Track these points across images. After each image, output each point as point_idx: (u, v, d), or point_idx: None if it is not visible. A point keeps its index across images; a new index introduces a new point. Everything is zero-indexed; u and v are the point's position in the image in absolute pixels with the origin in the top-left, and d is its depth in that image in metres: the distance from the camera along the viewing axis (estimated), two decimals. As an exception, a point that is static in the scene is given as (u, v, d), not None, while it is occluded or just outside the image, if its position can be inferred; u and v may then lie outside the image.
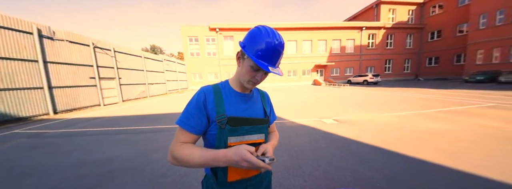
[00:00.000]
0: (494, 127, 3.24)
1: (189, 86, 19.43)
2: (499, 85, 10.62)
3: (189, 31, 18.64)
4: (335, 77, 21.33)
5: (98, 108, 8.02)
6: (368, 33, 20.89)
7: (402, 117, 4.28)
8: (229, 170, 0.60)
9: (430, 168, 1.99)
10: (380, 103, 6.30)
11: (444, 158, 2.18)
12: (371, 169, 1.99)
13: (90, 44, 8.11)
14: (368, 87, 14.05)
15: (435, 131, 3.16)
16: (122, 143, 3.14)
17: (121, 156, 2.58)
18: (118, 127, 4.27)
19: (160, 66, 13.99)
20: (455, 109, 4.85)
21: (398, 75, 22.40)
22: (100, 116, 6.00)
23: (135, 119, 5.16)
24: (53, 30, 6.66)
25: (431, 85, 12.58)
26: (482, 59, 15.02)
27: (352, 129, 3.46)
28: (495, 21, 13.90)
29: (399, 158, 2.25)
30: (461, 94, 7.57)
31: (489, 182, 1.68)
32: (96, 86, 8.28)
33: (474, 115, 4.14)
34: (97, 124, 4.77)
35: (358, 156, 2.32)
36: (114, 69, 9.46)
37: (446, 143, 2.65)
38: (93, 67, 8.23)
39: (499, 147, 2.44)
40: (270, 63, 0.55)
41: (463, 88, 9.81)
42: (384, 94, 8.78)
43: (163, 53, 38.53)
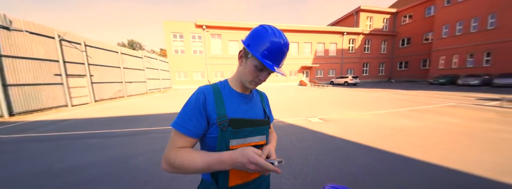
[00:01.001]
0: (455, 124, 3.67)
1: (173, 85, 18.48)
2: (457, 87, 12.15)
3: (173, 27, 17.71)
4: (319, 78, 22.28)
5: (65, 109, 7.16)
6: (349, 38, 22.29)
7: (379, 115, 4.61)
8: (231, 174, 0.57)
9: (405, 161, 2.16)
10: (359, 103, 6.72)
11: (416, 152, 2.39)
12: (354, 165, 2.09)
13: (55, 36, 7.20)
14: (348, 88, 14.93)
15: (407, 128, 3.46)
16: (94, 148, 2.82)
17: (94, 163, 2.31)
18: (90, 131, 3.84)
19: (139, 63, 13.05)
20: (423, 108, 5.39)
21: (374, 77, 24.29)
22: (68, 118, 5.35)
23: (110, 121, 4.70)
24: (9, 19, 5.76)
25: (401, 87, 13.86)
26: (443, 64, 17.08)
27: (336, 127, 3.61)
28: (455, 31, 15.96)
29: (379, 153, 2.40)
30: (427, 95, 8.46)
31: (454, 173, 1.88)
32: (62, 84, 7.38)
33: (439, 113, 4.64)
34: (63, 127, 4.23)
35: (343, 153, 2.42)
36: (85, 65, 8.55)
37: (417, 138, 2.91)
38: (59, 63, 7.33)
39: (461, 141, 2.75)
40: (275, 63, 0.55)
41: (428, 90, 11.00)
42: (362, 95, 9.41)
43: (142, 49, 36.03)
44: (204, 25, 17.85)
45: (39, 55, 6.59)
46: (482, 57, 14.29)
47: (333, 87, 15.72)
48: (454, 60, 16.21)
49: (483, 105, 5.56)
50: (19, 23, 6.06)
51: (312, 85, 19.22)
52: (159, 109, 6.48)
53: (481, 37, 14.23)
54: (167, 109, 6.34)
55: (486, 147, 2.48)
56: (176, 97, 10.39)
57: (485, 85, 12.28)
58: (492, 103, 5.82)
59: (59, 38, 7.32)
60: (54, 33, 7.18)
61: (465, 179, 1.76)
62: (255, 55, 0.53)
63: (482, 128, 3.32)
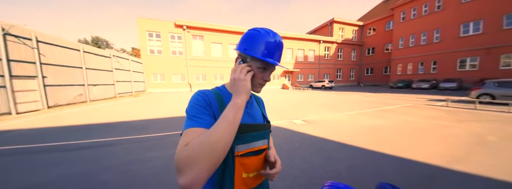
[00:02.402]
0: (413, 122, 4.22)
1: (148, 88, 16.96)
2: (412, 90, 14.15)
3: (148, 25, 16.45)
4: (300, 82, 23.42)
5: (8, 117, 5.92)
6: (325, 46, 24.21)
7: (352, 116, 5.03)
8: (236, 184, 0.56)
9: (377, 155, 2.39)
10: (335, 105, 7.24)
11: (385, 147, 2.67)
12: (336, 162, 2.22)
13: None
14: (325, 91, 16.01)
15: (376, 126, 3.85)
16: (51, 164, 2.35)
17: (52, 182, 1.92)
18: (43, 143, 3.20)
19: (107, 63, 11.69)
20: (387, 108, 6.09)
21: (346, 82, 26.68)
22: (13, 128, 4.41)
23: (69, 131, 4.03)
24: None
25: (368, 90, 15.49)
26: (401, 71, 19.82)
27: (318, 128, 3.80)
28: (409, 43, 18.81)
29: (355, 149, 2.61)
30: (389, 97, 9.61)
31: (417, 164, 2.14)
32: (4, 87, 6.11)
33: (400, 113, 5.30)
34: (6, 140, 3.46)
35: (326, 152, 2.54)
36: (36, 65, 7.27)
37: (386, 135, 3.26)
38: (1, 62, 6.08)
39: (418, 136, 3.17)
40: (275, 60, 0.58)
41: (389, 92, 12.52)
42: (337, 97, 10.18)
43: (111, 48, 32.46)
44: (184, 25, 17.11)
45: (-29, 51, 5.36)
46: (430, 65, 17.05)
47: (313, 90, 16.64)
48: (409, 67, 18.95)
49: (433, 105, 6.56)
50: None
51: (293, 88, 20.04)
52: (130, 115, 5.86)
53: (429, 49, 17.05)
54: (140, 116, 5.77)
55: (439, 141, 2.91)
56: (151, 102, 9.57)
57: (433, 88, 14.64)
58: (440, 103, 6.92)
59: (2, 32, 6.11)
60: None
61: (427, 169, 2.01)
62: (256, 56, 0.54)
63: (434, 125, 3.90)
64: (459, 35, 14.74)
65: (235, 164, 0.54)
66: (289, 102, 8.52)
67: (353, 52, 26.61)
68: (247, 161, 0.57)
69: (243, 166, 0.56)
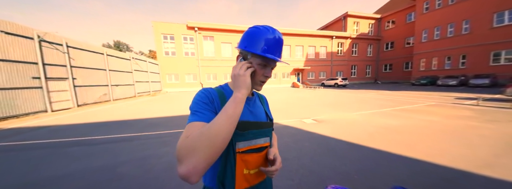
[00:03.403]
0: (436, 122, 3.90)
1: (163, 88, 17.89)
2: (437, 88, 12.99)
3: (163, 28, 17.29)
4: (311, 80, 22.81)
5: (44, 115, 6.66)
6: (338, 42, 23.18)
7: (367, 115, 4.78)
8: (237, 180, 0.57)
9: (393, 158, 2.25)
10: (349, 104, 6.94)
11: (402, 149, 2.50)
12: (347, 163, 2.14)
13: (34, 37, 6.75)
14: (338, 89, 15.40)
15: (393, 127, 3.62)
16: (79, 157, 2.63)
17: (78, 173, 2.15)
18: (72, 138, 3.58)
19: (127, 65, 12.55)
20: (407, 108, 5.68)
21: (361, 79, 25.33)
22: (47, 124, 4.97)
23: (96, 127, 4.44)
24: (-21, 18, 5.29)
25: (387, 88, 14.56)
26: (424, 66, 18.25)
27: (329, 127, 3.69)
28: (434, 36, 17.19)
29: (369, 151, 2.48)
30: (410, 95, 8.94)
31: (437, 167, 1.98)
32: (41, 88, 6.88)
33: (421, 112, 4.91)
34: (42, 135, 3.92)
35: (336, 152, 2.46)
36: (67, 68, 8.06)
37: (403, 136, 3.05)
38: (38, 65, 6.85)
39: (441, 137, 2.92)
40: (275, 55, 0.58)
41: (411, 90, 11.64)
42: (351, 96, 9.74)
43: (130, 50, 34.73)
44: (196, 27, 17.65)
45: (15, 57, 6.12)
46: (458, 60, 15.47)
47: (324, 89, 16.13)
48: (434, 62, 17.38)
49: (461, 104, 5.97)
50: (-8, 23, 5.62)
51: (304, 86, 19.60)
52: (148, 113, 6.24)
53: (456, 41, 15.44)
54: (157, 114, 6.12)
55: (465, 143, 2.66)
56: (167, 101, 10.07)
57: (462, 85, 13.27)
58: (469, 102, 6.27)
59: (38, 39, 6.86)
60: (33, 34, 6.72)
61: (447, 173, 1.86)
62: (256, 52, 0.55)
63: (460, 125, 3.56)
64: (493, 26, 13.11)
65: (236, 160, 0.56)
66: (299, 100, 8.37)
67: (369, 47, 25.10)
68: (248, 157, 0.58)
69: (244, 162, 0.57)
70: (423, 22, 18.05)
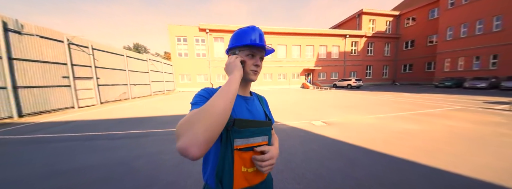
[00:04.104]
0: (462, 128, 3.59)
1: (177, 87, 18.69)
2: (464, 90, 11.92)
3: (177, 31, 18.07)
4: (322, 81, 22.21)
5: (72, 110, 7.31)
6: (351, 41, 22.26)
7: (383, 119, 4.55)
8: (236, 178, 0.58)
9: (409, 165, 2.12)
10: (363, 106, 6.66)
11: (421, 156, 2.35)
12: (358, 169, 2.07)
13: (64, 40, 7.44)
14: (351, 90, 14.82)
15: (412, 132, 3.41)
16: (98, 150, 2.87)
17: (97, 165, 2.35)
18: (95, 132, 3.91)
19: (144, 66, 13.29)
20: (427, 112, 5.30)
21: (377, 80, 24.07)
22: (74, 119, 5.46)
23: (115, 123, 4.78)
24: (21, 23, 5.99)
25: (406, 90, 13.68)
26: (449, 67, 16.83)
27: (340, 131, 3.59)
28: (460, 34, 15.78)
29: (383, 157, 2.37)
30: (432, 98, 8.32)
31: (461, 178, 1.84)
32: (70, 87, 7.56)
33: (444, 117, 4.56)
34: (69, 129, 4.32)
35: (347, 157, 2.39)
36: (92, 68, 8.76)
37: (421, 142, 2.86)
38: (67, 66, 7.53)
39: (466, 145, 2.70)
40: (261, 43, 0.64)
41: (433, 93, 10.82)
42: (366, 98, 9.32)
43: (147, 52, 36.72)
44: (207, 29, 18.14)
45: (48, 58, 6.80)
46: (489, 60, 14.05)
47: (336, 90, 15.62)
48: (460, 62, 15.97)
49: (490, 109, 5.44)
50: (30, 28, 6.30)
51: (314, 87, 19.16)
52: (163, 111, 6.55)
53: (486, 40, 14.02)
54: (171, 111, 6.40)
55: (493, 152, 2.43)
56: (180, 100, 10.48)
57: (493, 88, 12.03)
58: (500, 107, 5.69)
59: (67, 42, 7.55)
60: (63, 37, 7.41)
61: (471, 185, 1.72)
62: (241, 44, 0.63)
63: (488, 133, 3.25)
64: (533, 21, 11.70)
65: (234, 157, 0.57)
66: (309, 102, 8.21)
67: (386, 46, 23.75)
68: (246, 155, 0.59)
69: (242, 160, 0.58)
70: (447, 18, 16.66)
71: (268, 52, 0.71)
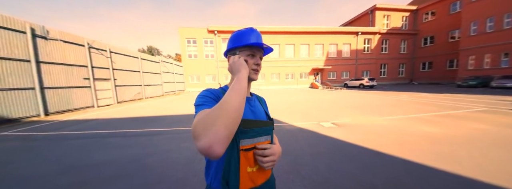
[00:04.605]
0: (488, 131, 3.29)
1: (187, 88, 19.26)
2: (491, 90, 10.92)
3: (187, 33, 18.63)
4: (332, 80, 21.59)
5: (92, 109, 7.81)
6: (364, 38, 21.36)
7: (398, 120, 4.31)
8: (242, 178, 0.58)
9: (428, 172, 1.98)
10: (376, 107, 6.36)
11: (441, 161, 2.18)
12: (370, 173, 1.97)
13: (85, 44, 7.97)
14: (364, 90, 14.23)
15: (430, 135, 3.19)
16: (114, 147, 3.03)
17: (113, 161, 2.48)
18: (111, 130, 4.14)
19: (157, 67, 13.84)
20: (449, 113, 4.93)
21: (393, 79, 22.86)
22: (93, 118, 5.83)
23: (130, 122, 5.03)
24: (46, 29, 6.52)
25: (425, 90, 12.84)
26: (473, 65, 15.51)
27: (350, 132, 3.46)
28: (486, 28, 14.47)
29: (397, 161, 2.24)
30: (454, 99, 7.72)
31: (486, 187, 1.68)
32: (90, 87, 8.09)
33: (468, 119, 4.21)
34: (89, 126, 4.63)
35: (357, 160, 2.30)
36: (109, 70, 9.29)
37: (442, 146, 2.66)
38: (88, 68, 8.06)
39: (493, 151, 2.46)
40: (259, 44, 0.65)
41: (455, 93, 10.04)
42: (379, 98, 8.89)
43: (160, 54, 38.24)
44: (215, 30, 18.47)
45: (70, 61, 7.34)
46: (521, 56, 12.73)
47: (347, 90, 15.10)
48: (486, 59, 14.65)
49: (523, 111, 4.93)
50: (55, 33, 6.83)
51: (324, 87, 18.69)
52: (174, 110, 6.77)
53: (518, 34, 12.72)
54: (181, 111, 6.60)
55: (527, 159, 2.19)
56: (189, 99, 10.78)
57: (526, 88, 10.88)
58: (535, 108, 5.13)
59: (88, 46, 8.08)
60: (84, 41, 7.95)
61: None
62: (239, 45, 0.64)
63: (521, 137, 2.94)
64: None
65: (240, 157, 0.57)
66: (318, 102, 8.02)
67: (403, 43, 22.47)
68: (251, 155, 0.60)
69: (248, 160, 0.59)
70: (471, 12, 15.35)
71: (267, 51, 0.71)
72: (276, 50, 20.35)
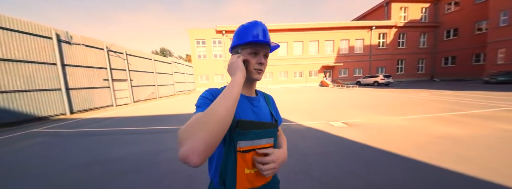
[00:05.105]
0: (521, 132, 2.98)
1: (196, 87, 19.80)
2: (525, 86, 9.85)
3: (196, 34, 19.06)
4: (343, 78, 20.84)
5: (111, 108, 8.34)
6: (378, 33, 20.27)
7: (416, 120, 4.06)
8: (238, 179, 0.57)
9: (453, 176, 1.84)
10: (392, 106, 6.04)
11: (467, 165, 2.02)
12: (382, 176, 1.89)
13: (104, 48, 8.50)
14: (379, 88, 13.56)
15: (453, 136, 2.96)
16: (131, 143, 3.23)
17: (129, 156, 2.65)
18: (128, 127, 4.41)
19: (168, 68, 14.37)
20: (475, 113, 4.53)
21: (411, 76, 21.48)
22: (112, 116, 6.23)
23: (145, 120, 5.30)
24: (70, 35, 7.04)
25: (447, 87, 11.91)
26: (503, 59, 14.04)
27: (363, 132, 3.33)
28: (519, 18, 12.99)
29: (415, 164, 2.12)
30: (481, 96, 7.08)
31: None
32: (109, 88, 8.63)
33: (496, 119, 3.84)
34: (109, 124, 4.96)
35: (369, 162, 2.21)
36: (126, 71, 9.83)
37: (467, 149, 2.46)
38: (107, 70, 8.60)
39: (528, 154, 2.23)
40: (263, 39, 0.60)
41: (483, 90, 9.19)
42: (396, 96, 8.42)
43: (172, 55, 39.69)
44: (223, 30, 18.68)
45: (92, 63, 7.88)
46: None
47: (360, 88, 14.49)
48: (521, 52, 13.17)
49: None
50: (77, 38, 7.36)
51: (335, 85, 18.11)
52: (184, 109, 7.01)
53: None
54: (191, 110, 6.81)
55: None
56: (200, 99, 11.05)
57: None
58: None
59: (107, 49, 8.61)
60: (103, 45, 8.48)
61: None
62: (241, 42, 0.59)
63: (562, 139, 2.62)
64: None
65: (237, 159, 0.56)
66: (328, 101, 7.80)
67: (422, 36, 20.97)
68: (249, 157, 0.58)
69: (245, 161, 0.57)
70: (500, 0, 13.83)
71: (273, 48, 0.67)
72: (284, 48, 20.08)
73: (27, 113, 5.54)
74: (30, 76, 5.69)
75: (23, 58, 5.56)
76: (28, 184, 1.99)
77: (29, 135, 4.05)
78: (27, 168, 2.37)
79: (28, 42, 5.73)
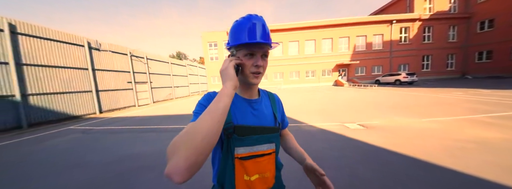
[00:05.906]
0: None
1: (209, 88, 20.42)
2: None
3: (209, 37, 19.61)
4: (360, 76, 19.73)
5: (133, 108, 9.02)
6: (400, 27, 18.80)
7: (445, 123, 3.71)
8: (237, 184, 0.55)
9: (485, 186, 1.66)
10: (416, 106, 5.58)
11: (503, 175, 1.81)
12: (404, 185, 1.77)
13: (127, 53, 9.22)
14: (401, 87, 12.61)
15: (488, 141, 2.65)
16: (150, 141, 3.48)
17: (148, 153, 2.85)
18: (148, 126, 4.75)
19: (184, 70, 15.08)
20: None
21: (439, 73, 19.54)
22: (135, 115, 6.73)
23: (162, 119, 5.64)
24: (99, 43, 7.78)
25: (482, 85, 10.63)
26: (558, 51, 12.06)
27: (382, 136, 3.14)
28: None
29: (442, 171, 1.95)
30: (527, 95, 6.19)
31: None
32: (132, 89, 9.34)
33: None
34: (131, 122, 5.38)
35: (389, 168, 2.09)
36: (147, 74, 10.54)
37: (504, 156, 2.19)
38: (130, 73, 9.31)
39: None
40: (261, 39, 0.53)
41: (529, 88, 8.03)
42: (421, 96, 7.76)
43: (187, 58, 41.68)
44: (234, 32, 18.95)
45: (117, 67, 8.60)
46: None
47: (380, 87, 13.63)
48: None
49: None
50: (105, 45, 8.09)
51: (351, 85, 17.26)
52: (199, 110, 7.29)
53: None
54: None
55: None
56: (214, 99, 11.40)
57: None
58: None
59: (130, 54, 9.32)
60: (127, 51, 9.21)
61: None
62: (235, 43, 0.53)
63: None
64: None
65: (235, 165, 0.54)
66: (342, 101, 7.46)
67: (451, 29, 18.90)
68: (247, 163, 0.55)
69: (244, 168, 0.55)
70: (558, -17, 11.89)
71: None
72: (295, 47, 19.68)
73: (65, 112, 6.26)
74: (67, 80, 6.43)
75: (61, 64, 6.30)
76: (69, 175, 2.26)
77: (64, 132, 4.58)
78: (66, 160, 2.68)
79: (65, 50, 6.47)
